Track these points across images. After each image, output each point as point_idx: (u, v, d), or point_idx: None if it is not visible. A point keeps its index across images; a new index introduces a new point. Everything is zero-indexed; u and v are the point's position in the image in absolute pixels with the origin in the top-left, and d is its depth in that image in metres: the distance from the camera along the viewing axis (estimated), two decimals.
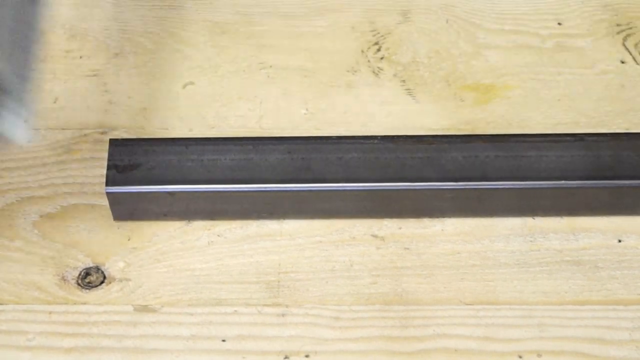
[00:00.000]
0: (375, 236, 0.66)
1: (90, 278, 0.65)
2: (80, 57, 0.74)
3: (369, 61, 0.73)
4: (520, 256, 0.65)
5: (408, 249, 0.66)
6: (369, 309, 0.64)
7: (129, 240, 0.66)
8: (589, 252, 0.65)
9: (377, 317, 0.63)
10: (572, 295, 0.64)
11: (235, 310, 0.64)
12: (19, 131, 0.59)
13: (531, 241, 0.66)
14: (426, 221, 0.67)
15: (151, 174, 0.65)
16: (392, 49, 0.74)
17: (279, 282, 0.65)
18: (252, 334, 0.63)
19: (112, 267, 0.65)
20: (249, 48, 0.74)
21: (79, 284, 0.65)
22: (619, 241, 0.66)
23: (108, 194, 0.65)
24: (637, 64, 0.72)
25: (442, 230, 0.66)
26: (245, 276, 0.65)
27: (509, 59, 0.73)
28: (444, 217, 0.67)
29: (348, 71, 0.73)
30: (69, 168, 0.69)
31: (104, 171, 0.66)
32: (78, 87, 0.73)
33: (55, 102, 0.72)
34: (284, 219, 0.67)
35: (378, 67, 0.73)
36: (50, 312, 0.64)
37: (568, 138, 0.66)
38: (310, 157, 0.66)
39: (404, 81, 0.72)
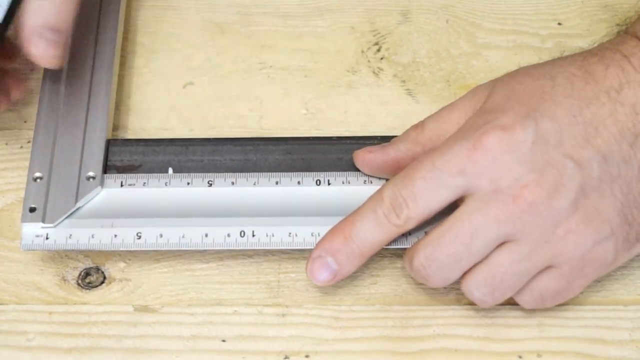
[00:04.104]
0: None
1: (91, 278, 0.65)
2: None
3: (369, 61, 0.73)
4: None
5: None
6: (369, 309, 0.64)
7: None
8: None
9: (377, 317, 0.63)
10: None
11: (235, 311, 0.64)
12: None
13: None
14: None
15: (151, 174, 0.65)
16: (392, 49, 0.74)
17: (279, 282, 0.65)
18: (252, 334, 0.63)
19: (112, 267, 0.65)
20: (249, 48, 0.74)
21: (79, 284, 0.65)
22: None
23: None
24: None
25: None
26: (246, 276, 0.65)
27: (509, 59, 0.73)
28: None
29: (348, 71, 0.73)
30: None
31: None
32: None
33: None
34: None
35: (378, 67, 0.73)
36: (50, 312, 0.64)
37: None
38: (310, 157, 0.66)
39: (404, 81, 0.72)
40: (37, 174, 0.64)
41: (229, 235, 0.62)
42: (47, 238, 0.62)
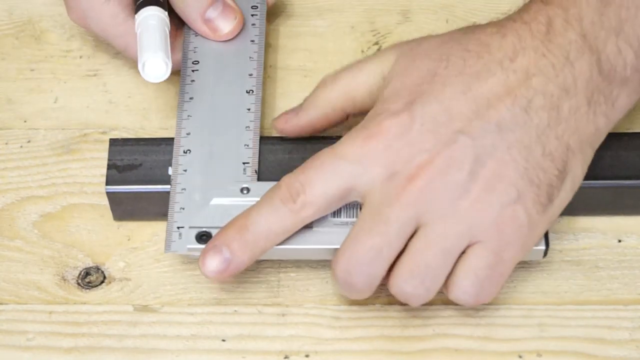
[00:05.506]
0: None
1: (90, 278, 0.65)
2: (80, 57, 0.74)
3: None
4: None
5: None
6: (369, 309, 0.64)
7: (129, 240, 0.66)
8: (589, 252, 0.65)
9: (377, 317, 0.63)
10: (572, 295, 0.64)
11: (235, 310, 0.64)
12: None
13: None
14: None
15: (151, 173, 0.65)
16: None
17: (279, 282, 0.65)
18: (252, 334, 0.63)
19: (112, 267, 0.65)
20: None
21: (79, 284, 0.65)
22: (619, 241, 0.66)
23: (108, 193, 0.65)
24: None
25: None
26: (246, 276, 0.65)
27: None
28: None
29: None
30: (69, 168, 0.69)
31: (104, 171, 0.66)
32: (78, 87, 0.73)
33: (55, 102, 0.72)
34: None
35: None
36: (50, 312, 0.64)
37: None
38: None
39: None
40: None
41: None
42: None
